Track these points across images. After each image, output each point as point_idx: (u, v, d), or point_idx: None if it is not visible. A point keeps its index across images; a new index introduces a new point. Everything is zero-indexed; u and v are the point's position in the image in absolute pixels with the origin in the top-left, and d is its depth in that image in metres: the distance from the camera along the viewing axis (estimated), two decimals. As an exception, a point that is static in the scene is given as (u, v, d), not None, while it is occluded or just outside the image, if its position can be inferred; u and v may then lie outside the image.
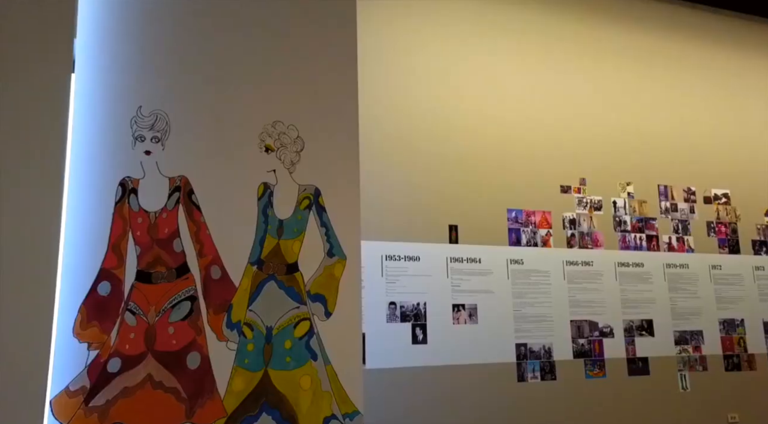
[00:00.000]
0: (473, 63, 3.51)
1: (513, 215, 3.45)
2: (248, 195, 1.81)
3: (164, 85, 1.75)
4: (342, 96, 1.94)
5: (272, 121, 1.86)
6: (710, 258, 3.77)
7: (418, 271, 3.25)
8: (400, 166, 3.27)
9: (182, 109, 1.76)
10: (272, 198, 1.85)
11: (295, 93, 1.90)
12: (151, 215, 1.70)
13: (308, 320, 1.85)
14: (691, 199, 3.79)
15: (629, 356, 3.47)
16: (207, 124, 1.79)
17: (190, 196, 1.76)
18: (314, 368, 1.83)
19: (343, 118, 1.93)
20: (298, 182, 1.88)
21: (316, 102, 1.92)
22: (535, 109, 3.57)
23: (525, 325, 3.32)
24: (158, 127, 1.73)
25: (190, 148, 1.76)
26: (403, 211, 3.25)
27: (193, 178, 1.75)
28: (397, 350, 3.09)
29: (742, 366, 3.68)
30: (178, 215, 1.73)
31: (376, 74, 3.33)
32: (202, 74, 1.81)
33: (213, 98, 1.81)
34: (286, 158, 1.86)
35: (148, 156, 1.72)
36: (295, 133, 1.88)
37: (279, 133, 1.86)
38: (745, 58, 4.13)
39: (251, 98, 1.85)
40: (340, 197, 1.91)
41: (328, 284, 1.88)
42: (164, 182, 1.73)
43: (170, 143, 1.74)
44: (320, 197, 1.90)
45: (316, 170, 1.89)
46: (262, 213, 1.83)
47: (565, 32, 3.74)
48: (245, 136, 1.82)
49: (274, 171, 1.85)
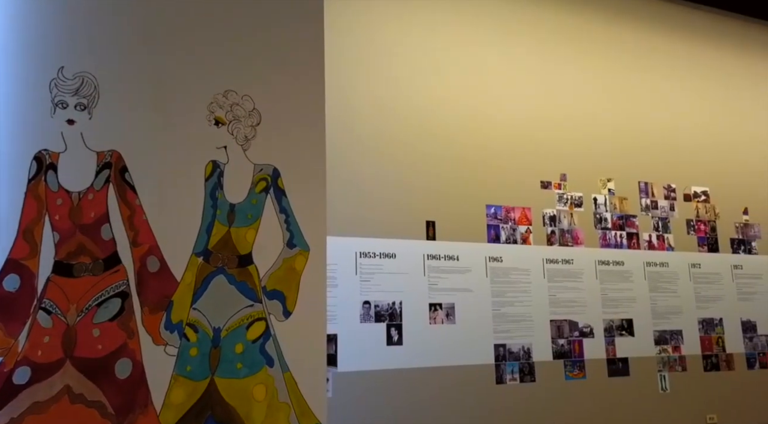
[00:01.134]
0: (455, 53, 3.22)
1: (492, 211, 3.16)
2: (194, 174, 1.47)
3: (92, 42, 1.41)
4: (306, 64, 1.61)
5: (224, 90, 1.52)
6: (690, 256, 3.51)
7: (394, 268, 2.95)
8: (376, 158, 2.97)
9: (115, 72, 1.41)
10: (222, 179, 1.51)
11: (252, 60, 1.56)
12: (74, 196, 1.35)
13: (264, 320, 1.51)
14: (671, 196, 3.53)
15: (609, 357, 3.21)
16: (145, 90, 1.44)
17: (123, 174, 1.41)
18: (270, 376, 1.49)
19: (307, 89, 1.60)
20: (254, 161, 1.54)
21: (275, 71, 1.58)
22: (515, 103, 3.29)
23: (504, 325, 3.04)
24: (84, 93, 1.38)
25: (123, 118, 1.41)
26: (379, 205, 2.95)
27: (127, 154, 1.41)
28: (371, 351, 2.79)
29: (720, 366, 3.43)
30: (107, 196, 1.38)
31: (350, 61, 3.03)
32: (142, 32, 1.46)
33: (153, 60, 1.47)
34: (240, 133, 1.53)
35: (72, 126, 1.37)
36: (250, 104, 1.54)
37: (231, 104, 1.52)
38: (726, 56, 3.91)
39: (200, 63, 1.50)
40: (303, 179, 1.57)
41: (287, 278, 1.55)
42: (91, 157, 1.38)
43: (99, 112, 1.39)
44: (279, 179, 1.56)
45: (275, 148, 1.55)
46: (209, 196, 1.49)
47: (548, 27, 3.47)
48: (191, 106, 1.48)
49: (225, 148, 1.51)
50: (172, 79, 1.48)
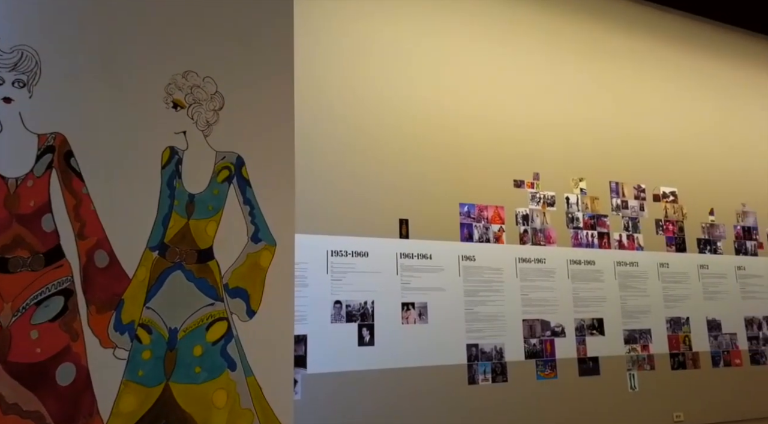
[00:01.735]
0: (429, 51, 3.11)
1: (465, 210, 3.06)
2: (149, 161, 1.31)
3: (33, 12, 1.24)
4: (274, 47, 1.47)
5: (183, 70, 1.36)
6: (658, 256, 3.46)
7: (366, 267, 2.82)
8: (348, 154, 2.83)
9: (60, 46, 1.25)
10: (181, 166, 1.35)
11: (215, 39, 1.41)
12: (11, 182, 1.18)
13: (225, 320, 1.36)
14: (641, 196, 3.47)
15: (580, 356, 3.13)
16: (94, 67, 1.28)
17: (68, 159, 1.24)
18: (232, 381, 1.34)
19: (274, 73, 1.45)
20: (216, 148, 1.39)
21: (240, 52, 1.43)
22: (490, 100, 3.19)
23: (476, 324, 2.94)
24: (23, 68, 1.21)
25: (69, 97, 1.25)
26: (351, 203, 2.82)
27: (73, 137, 1.24)
28: (342, 352, 2.65)
29: (687, 365, 3.39)
30: (49, 183, 1.22)
31: (322, 54, 2.88)
32: (91, 2, 1.30)
33: (104, 34, 1.30)
34: (201, 118, 1.37)
35: (8, 105, 1.19)
36: (212, 87, 1.39)
37: (192, 86, 1.37)
38: (695, 60, 3.89)
39: (157, 39, 1.34)
40: (269, 169, 1.42)
41: (251, 275, 1.40)
42: (31, 140, 1.21)
43: (41, 90, 1.22)
44: (243, 168, 1.41)
45: (239, 134, 1.40)
46: (166, 185, 1.33)
47: (524, 24, 3.38)
48: (147, 87, 1.32)
49: (184, 133, 1.36)
50: (126, 56, 1.32)
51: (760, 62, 4.18)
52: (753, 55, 4.16)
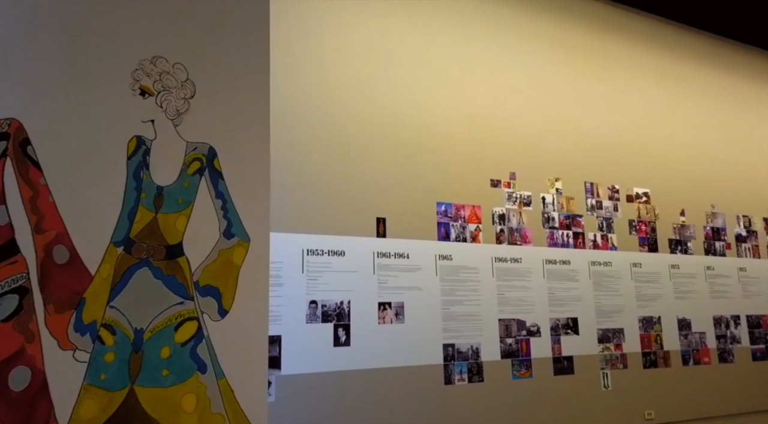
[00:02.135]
0: (407, 47, 3.05)
1: (443, 209, 3.00)
2: (113, 151, 1.22)
3: (-13, -11, 1.15)
4: (249, 34, 1.38)
5: (152, 56, 1.28)
6: (632, 256, 3.46)
7: (343, 267, 2.74)
8: (325, 151, 2.76)
9: (15, 24, 1.16)
10: (148, 157, 1.26)
11: (186, 24, 1.32)
12: (-40, 171, 1.09)
13: (195, 319, 1.27)
14: (615, 197, 3.47)
15: (555, 356, 3.10)
16: (55, 49, 1.18)
17: (25, 148, 1.14)
18: (202, 384, 1.26)
19: (249, 61, 1.37)
20: (186, 139, 1.30)
21: (212, 39, 1.34)
22: (467, 100, 3.15)
23: (453, 324, 2.88)
24: (-24, 48, 1.12)
25: (26, 81, 1.15)
26: (328, 201, 2.74)
27: (31, 124, 1.14)
28: (317, 353, 2.57)
29: (658, 363, 3.39)
30: (3, 173, 1.12)
31: (298, 48, 2.81)
32: (51, -17, 1.21)
33: (66, 14, 1.20)
34: (170, 106, 1.28)
35: (-41, 87, 1.10)
36: (183, 74, 1.30)
37: (161, 72, 1.28)
38: (669, 61, 3.91)
39: (124, 22, 1.25)
40: (243, 161, 1.34)
41: (224, 273, 1.32)
42: (-17, 126, 1.12)
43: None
44: (216, 160, 1.33)
45: (211, 124, 1.31)
46: (133, 176, 1.24)
47: (501, 23, 3.35)
48: (112, 72, 1.23)
49: (153, 122, 1.27)
50: (90, 39, 1.22)
51: (731, 67, 4.24)
52: (724, 59, 4.21)
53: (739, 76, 4.26)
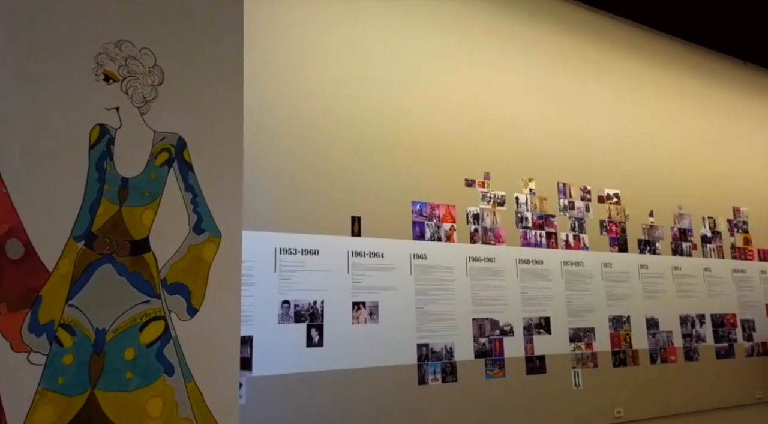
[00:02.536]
0: (383, 45, 2.99)
1: (418, 208, 2.96)
2: (74, 140, 1.13)
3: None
4: (221, 19, 1.31)
5: (117, 39, 1.19)
6: (602, 256, 3.48)
7: (316, 266, 2.67)
8: (299, 148, 2.68)
9: (-33, 2, 1.07)
10: (113, 147, 1.18)
11: (154, 6, 1.25)
12: None
13: (162, 319, 1.19)
14: (587, 197, 3.48)
15: (528, 355, 3.09)
16: (10, 29, 1.09)
17: (-24, 134, 1.06)
18: (168, 387, 1.18)
19: (221, 47, 1.30)
20: (154, 128, 1.22)
21: (182, 23, 1.26)
22: (442, 99, 3.11)
23: (427, 324, 2.84)
24: None
25: (-22, 62, 1.07)
26: (302, 199, 2.67)
27: (-17, 109, 1.06)
28: (290, 354, 2.50)
29: (627, 362, 3.42)
30: (-48, 160, 1.03)
31: (272, 43, 2.73)
32: (7, -42, 1.12)
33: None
34: (137, 93, 1.20)
35: None
36: (150, 60, 1.22)
37: (126, 57, 1.20)
38: (644, 67, 3.95)
39: (87, 2, 1.17)
40: (215, 152, 1.27)
41: (193, 270, 1.24)
42: (-71, 109, 1.02)
43: (-57, 51, 1.04)
44: (185, 151, 1.25)
45: (181, 114, 1.23)
46: (95, 167, 1.15)
47: (477, 25, 3.33)
48: (73, 56, 1.14)
49: (117, 109, 1.18)
50: (50, 19, 1.13)
51: (702, 74, 4.31)
52: (695, 66, 4.28)
53: (708, 83, 4.33)
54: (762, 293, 4.19)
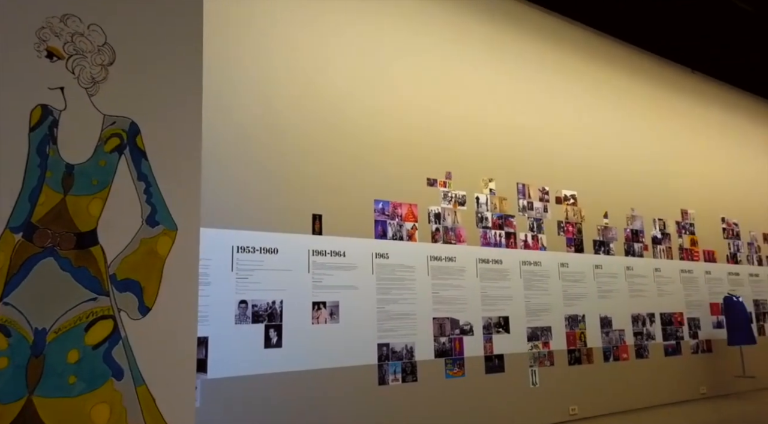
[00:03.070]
0: (346, 43, 2.91)
1: (380, 207, 2.90)
2: (12, 121, 1.01)
3: None
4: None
5: (62, 14, 1.08)
6: (560, 256, 3.50)
7: (276, 265, 2.57)
8: (259, 144, 2.58)
9: None
10: (56, 130, 1.06)
11: (105, -20, 1.14)
12: None
13: (111, 318, 1.09)
14: (545, 198, 3.50)
15: (487, 354, 3.07)
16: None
17: None
18: (117, 392, 1.07)
19: (179, 25, 1.20)
20: (104, 111, 1.11)
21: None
22: (405, 99, 3.06)
23: (388, 323, 2.79)
24: None
25: None
26: (261, 196, 2.56)
27: None
28: (247, 355, 2.39)
29: (582, 360, 3.45)
30: None
31: (234, 38, 2.61)
32: None
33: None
34: (84, 73, 1.09)
35: None
36: (100, 37, 1.12)
37: (73, 34, 1.09)
38: (598, 71, 4.00)
39: (27, -27, 1.06)
40: (171, 140, 1.17)
41: (146, 265, 1.14)
42: None
43: None
44: (138, 137, 1.15)
45: (134, 97, 1.13)
46: (36, 152, 1.04)
47: (440, 26, 3.29)
48: (12, 29, 1.03)
49: (62, 90, 1.07)
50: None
51: (651, 78, 4.41)
52: (650, 73, 4.38)
53: (659, 89, 4.44)
54: (706, 292, 4.32)
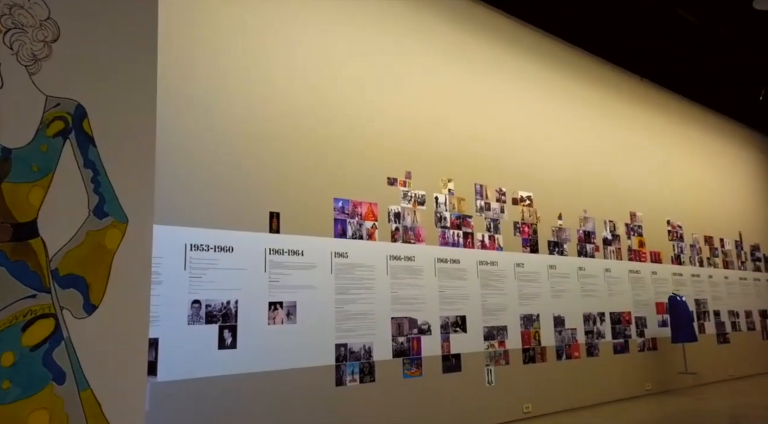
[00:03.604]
0: (305, 42, 2.83)
1: (340, 205, 2.84)
2: (-60, 98, 0.92)
3: None
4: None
5: (0, -17, 0.99)
6: (516, 256, 3.53)
7: (231, 264, 2.47)
8: (214, 138, 2.47)
9: None
10: (-8, 110, 0.97)
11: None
12: None
13: (52, 316, 0.99)
14: (502, 199, 3.52)
15: (444, 353, 3.06)
16: None
17: None
18: (57, 398, 0.98)
19: (132, 3, 1.11)
20: (46, 92, 1.02)
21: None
22: (365, 96, 3.01)
23: (346, 323, 2.73)
24: None
25: None
26: (216, 192, 2.45)
27: None
28: (200, 357, 2.28)
29: (536, 359, 3.49)
30: None
31: (189, 30, 2.49)
32: None
33: None
34: (24, 49, 0.99)
35: None
36: (43, 11, 1.02)
37: (11, 5, 0.98)
38: (552, 75, 4.06)
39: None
40: (122, 125, 1.08)
41: (93, 259, 1.04)
42: None
43: None
44: (86, 121, 1.05)
45: (81, 77, 1.04)
46: (-32, 133, 0.95)
47: (400, 25, 3.26)
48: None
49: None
50: None
51: (603, 84, 4.51)
52: (598, 77, 4.48)
53: (613, 97, 4.56)
54: (653, 292, 4.46)
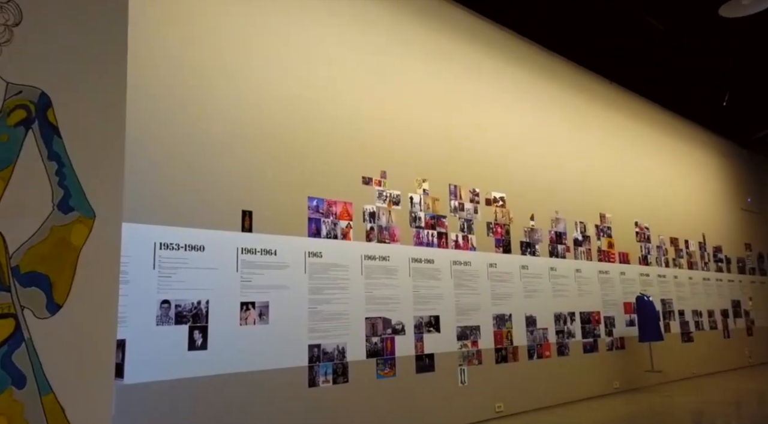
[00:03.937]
0: (279, 39, 2.78)
1: (314, 204, 2.79)
2: None
3: None
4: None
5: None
6: (489, 257, 3.54)
7: (202, 263, 2.40)
8: (185, 134, 2.40)
9: None
10: (-53, 96, 0.91)
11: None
12: None
13: (12, 316, 0.93)
14: (476, 200, 3.52)
15: (418, 353, 3.04)
16: None
17: None
18: (16, 403, 0.91)
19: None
20: (7, 79, 0.95)
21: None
22: (341, 95, 2.98)
23: (320, 324, 2.69)
24: None
25: None
26: (187, 190, 2.38)
27: None
28: (169, 358, 2.21)
29: (508, 358, 3.51)
30: None
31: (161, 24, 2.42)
32: None
33: None
34: (-16, 32, 0.94)
35: None
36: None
37: (-29, -15, 0.93)
38: (526, 77, 4.09)
39: None
40: (89, 115, 1.02)
41: (57, 256, 0.98)
42: None
43: None
44: (50, 110, 0.99)
45: (45, 64, 0.98)
46: None
47: (375, 25, 3.24)
48: None
49: (-44, 49, 0.92)
50: None
51: (574, 87, 4.57)
52: (569, 80, 4.53)
53: (584, 100, 4.62)
54: (621, 292, 4.54)
